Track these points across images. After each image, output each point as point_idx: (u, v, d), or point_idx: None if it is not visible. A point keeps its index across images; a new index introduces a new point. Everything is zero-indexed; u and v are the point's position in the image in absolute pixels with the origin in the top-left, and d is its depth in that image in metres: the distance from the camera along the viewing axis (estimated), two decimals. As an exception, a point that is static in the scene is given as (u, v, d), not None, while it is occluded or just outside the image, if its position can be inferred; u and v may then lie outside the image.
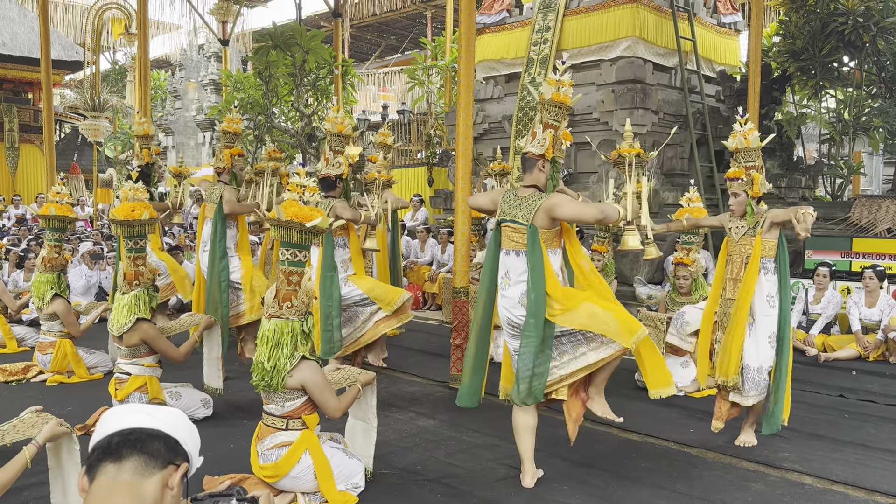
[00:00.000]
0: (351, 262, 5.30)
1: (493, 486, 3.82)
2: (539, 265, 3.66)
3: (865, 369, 6.63)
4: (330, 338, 5.16)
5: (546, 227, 3.72)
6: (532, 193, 3.79)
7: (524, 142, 3.90)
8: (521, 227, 3.73)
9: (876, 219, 9.00)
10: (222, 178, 6.19)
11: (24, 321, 7.79)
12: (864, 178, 16.34)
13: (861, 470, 4.11)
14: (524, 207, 3.75)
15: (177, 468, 1.54)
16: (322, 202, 4.94)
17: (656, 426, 4.84)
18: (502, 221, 3.86)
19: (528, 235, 3.69)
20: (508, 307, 3.81)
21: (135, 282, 4.63)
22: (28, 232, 12.59)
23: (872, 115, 10.42)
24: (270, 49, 13.35)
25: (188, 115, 25.47)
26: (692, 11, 10.39)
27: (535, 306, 3.65)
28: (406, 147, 17.16)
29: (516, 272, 3.78)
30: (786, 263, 4.40)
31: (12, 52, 19.16)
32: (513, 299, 3.78)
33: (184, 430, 1.60)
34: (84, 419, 4.59)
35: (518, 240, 3.76)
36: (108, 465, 1.48)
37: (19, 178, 20.02)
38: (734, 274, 4.43)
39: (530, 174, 3.85)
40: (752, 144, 4.41)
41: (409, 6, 22.79)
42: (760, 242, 4.34)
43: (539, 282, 3.65)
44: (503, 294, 3.85)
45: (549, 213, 3.69)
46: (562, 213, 3.70)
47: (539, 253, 3.67)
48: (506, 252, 3.84)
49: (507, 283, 3.83)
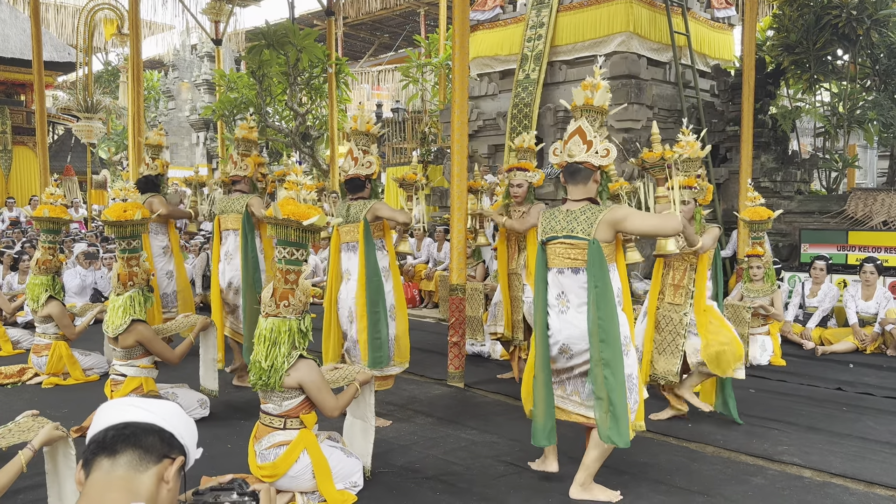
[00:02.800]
0: (390, 272, 4.81)
1: (492, 483, 3.80)
2: (604, 283, 3.36)
3: (863, 362, 6.65)
4: (379, 346, 4.63)
5: (607, 241, 3.45)
6: (587, 206, 3.50)
7: (576, 150, 3.53)
8: (581, 242, 3.44)
9: (871, 212, 9.01)
10: (239, 187, 5.82)
11: (18, 323, 7.76)
12: (859, 172, 16.38)
13: (860, 462, 4.11)
14: (581, 221, 3.45)
15: (172, 461, 1.53)
16: (355, 204, 4.74)
17: (655, 422, 4.83)
18: (552, 239, 3.56)
19: (591, 251, 3.39)
20: (567, 333, 3.50)
21: (129, 282, 4.59)
22: (22, 234, 12.54)
23: (867, 108, 10.43)
24: (264, 48, 13.31)
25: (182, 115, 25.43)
26: (686, 6, 10.39)
27: (604, 332, 3.34)
28: (401, 145, 17.13)
29: (576, 293, 3.49)
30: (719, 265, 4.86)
31: (3, 53, 19.04)
32: (579, 327, 3.46)
33: (179, 423, 1.58)
34: (80, 421, 4.56)
35: (577, 256, 3.47)
36: (102, 460, 1.47)
37: (12, 181, 19.92)
38: (676, 280, 4.69)
39: (583, 186, 3.53)
40: (694, 155, 4.55)
41: (403, 4, 22.74)
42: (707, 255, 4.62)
43: (608, 302, 3.36)
44: (562, 317, 3.53)
45: (615, 226, 3.42)
46: (634, 227, 3.43)
47: (604, 270, 3.38)
48: (559, 271, 3.53)
49: (566, 306, 3.52)
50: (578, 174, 3.53)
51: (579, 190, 3.55)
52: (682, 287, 4.64)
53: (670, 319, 4.69)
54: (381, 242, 4.75)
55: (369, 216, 4.62)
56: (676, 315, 4.67)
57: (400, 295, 4.91)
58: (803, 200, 9.88)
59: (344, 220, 4.73)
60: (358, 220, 4.66)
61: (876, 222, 8.78)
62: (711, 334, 4.57)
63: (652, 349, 4.78)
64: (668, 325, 4.71)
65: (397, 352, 4.82)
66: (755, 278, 6.89)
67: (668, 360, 4.67)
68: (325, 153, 15.59)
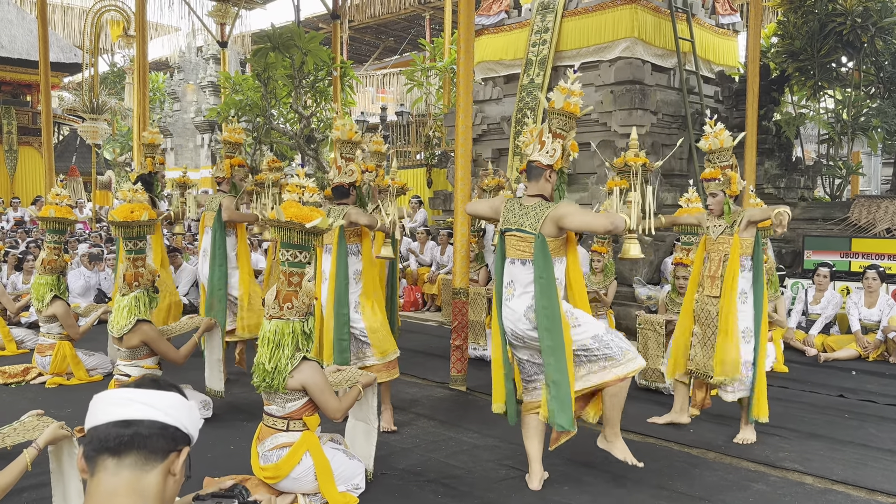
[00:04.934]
0: (362, 275, 4.88)
1: (494, 486, 3.81)
2: (548, 275, 3.61)
3: (865, 369, 6.64)
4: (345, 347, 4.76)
5: (553, 237, 3.68)
6: (539, 202, 3.75)
7: (531, 150, 3.84)
8: (529, 235, 3.69)
9: (875, 219, 9.01)
10: (222, 187, 6.13)
11: (23, 323, 7.78)
12: (863, 179, 16.37)
13: (862, 470, 4.11)
14: (531, 216, 3.70)
15: (179, 453, 1.52)
16: (335, 209, 4.84)
17: (656, 426, 4.84)
18: (507, 230, 3.81)
19: (536, 245, 3.64)
20: (513, 319, 3.76)
21: (134, 283, 4.62)
22: (26, 234, 12.59)
23: (871, 115, 10.44)
24: (269, 51, 13.34)
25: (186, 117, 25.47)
26: (690, 12, 10.40)
27: (548, 319, 3.59)
28: (405, 149, 17.16)
29: (522, 283, 3.73)
30: (760, 261, 4.55)
31: (10, 54, 19.15)
32: (517, 312, 3.73)
33: (181, 413, 1.55)
34: (83, 421, 4.53)
35: (525, 249, 3.71)
36: (107, 460, 1.47)
37: (18, 181, 20.01)
38: (712, 271, 4.59)
39: (536, 183, 3.79)
40: (725, 144, 4.55)
41: (408, 8, 22.77)
42: (739, 241, 4.47)
43: (550, 292, 3.60)
44: (507, 304, 3.80)
45: (557, 222, 3.64)
46: (571, 223, 3.65)
47: (548, 263, 3.62)
48: (511, 261, 3.79)
49: (512, 293, 3.78)
50: (532, 172, 3.81)
51: (533, 186, 3.81)
52: (717, 278, 4.53)
53: (708, 313, 4.59)
54: (356, 247, 4.86)
55: (344, 221, 4.72)
56: (714, 308, 4.55)
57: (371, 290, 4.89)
58: (807, 207, 9.88)
59: None
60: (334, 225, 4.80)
61: (879, 229, 8.77)
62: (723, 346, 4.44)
63: (687, 342, 4.72)
64: (706, 319, 4.60)
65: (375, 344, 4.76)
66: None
67: (708, 353, 4.57)
68: (330, 156, 15.61)
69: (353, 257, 4.79)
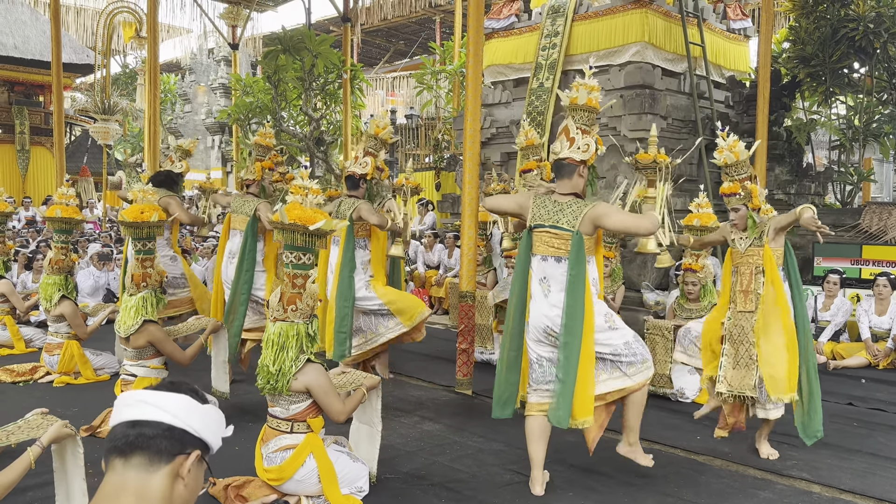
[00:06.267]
0: (370, 263, 5.02)
1: (498, 491, 3.80)
2: (582, 274, 3.56)
3: (875, 377, 6.58)
4: (343, 340, 4.92)
5: (588, 235, 3.64)
6: (574, 200, 3.71)
7: (558, 148, 3.77)
8: (565, 233, 3.64)
9: (886, 226, 8.94)
10: (251, 190, 5.99)
11: (32, 322, 7.82)
12: (875, 185, 16.27)
13: (870, 479, 4.07)
14: (567, 213, 3.65)
15: (187, 456, 1.51)
16: (346, 201, 4.89)
17: (662, 433, 4.81)
18: (538, 227, 3.74)
19: (573, 242, 3.59)
20: (551, 315, 3.66)
21: (142, 283, 4.64)
22: (37, 234, 12.67)
23: (883, 121, 10.36)
24: (280, 53, 13.41)
25: (197, 118, 25.60)
26: (701, 17, 10.36)
27: (570, 318, 3.55)
28: (414, 152, 17.18)
29: (558, 280, 3.67)
30: (795, 268, 4.41)
31: (24, 55, 19.30)
32: (557, 307, 3.64)
33: (192, 417, 1.53)
34: (90, 420, 4.60)
35: (560, 246, 3.66)
36: (115, 461, 1.47)
37: (29, 181, 20.14)
38: (744, 286, 4.40)
39: (569, 181, 3.74)
40: (741, 157, 4.42)
41: (419, 11, 22.82)
42: (771, 252, 4.33)
43: (579, 290, 3.55)
44: (544, 300, 3.71)
45: (595, 221, 3.61)
46: (611, 224, 3.63)
47: (583, 260, 3.58)
48: (542, 258, 3.73)
49: (548, 289, 3.70)
50: (563, 170, 3.75)
51: (565, 184, 3.76)
52: (751, 292, 4.37)
53: (742, 329, 4.40)
54: (364, 241, 4.90)
55: (354, 215, 4.74)
56: (748, 323, 4.36)
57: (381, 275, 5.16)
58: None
59: (335, 215, 4.88)
60: (344, 217, 4.87)
61: (890, 236, 8.70)
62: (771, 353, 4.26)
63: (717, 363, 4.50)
64: (741, 335, 4.40)
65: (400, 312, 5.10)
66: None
67: (745, 373, 4.35)
68: (339, 158, 15.66)
69: (360, 251, 4.84)
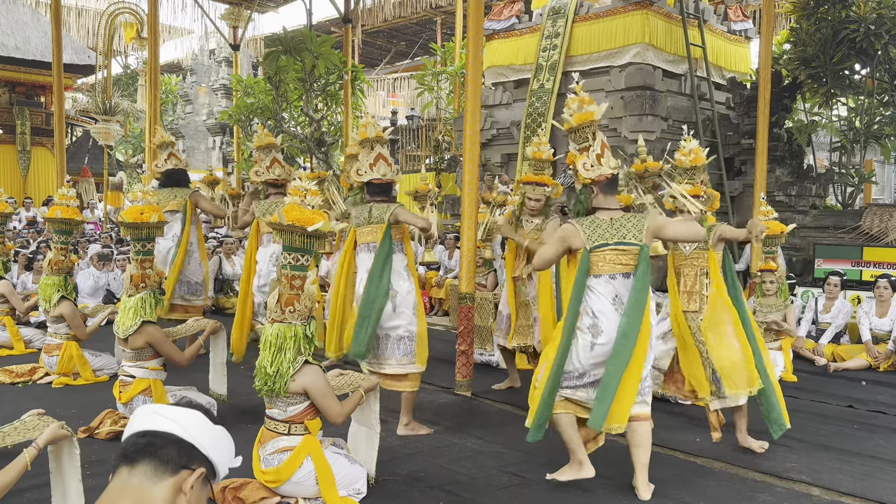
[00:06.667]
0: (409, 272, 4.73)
1: (496, 493, 3.78)
2: (647, 286, 3.60)
3: (875, 379, 6.57)
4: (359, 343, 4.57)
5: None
6: (625, 214, 3.76)
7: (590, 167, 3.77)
8: (634, 247, 3.66)
9: (887, 228, 8.93)
10: (277, 191, 5.93)
11: (31, 323, 7.82)
12: (876, 187, 16.27)
13: (870, 482, 4.05)
14: (630, 228, 3.68)
15: (192, 472, 1.51)
16: (376, 206, 4.77)
17: (662, 435, 4.79)
18: (601, 246, 3.68)
19: (641, 255, 3.63)
20: None
21: (141, 284, 4.63)
22: (38, 234, 12.67)
23: (884, 123, 10.35)
24: (281, 54, 13.40)
25: (198, 119, 25.63)
26: (702, 18, 10.36)
27: (630, 327, 3.54)
28: (415, 153, 17.17)
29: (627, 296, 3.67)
30: (732, 269, 4.62)
31: (25, 55, 19.32)
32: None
33: (201, 433, 1.55)
34: (88, 422, 4.59)
35: (628, 262, 3.67)
36: (122, 468, 1.47)
37: (30, 181, 20.16)
38: (688, 287, 4.57)
39: (613, 196, 3.82)
40: (701, 163, 4.53)
41: (420, 12, 22.81)
42: (714, 255, 4.51)
43: (643, 302, 3.57)
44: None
45: (655, 233, 3.69)
46: (670, 234, 3.73)
47: (649, 273, 3.62)
48: (611, 276, 3.68)
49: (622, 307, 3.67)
50: (610, 186, 3.79)
51: (612, 199, 3.82)
52: (695, 293, 4.54)
53: (688, 328, 4.55)
54: (399, 245, 4.76)
55: (392, 219, 4.64)
56: (694, 323, 4.51)
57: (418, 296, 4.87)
58: (818, 215, 9.80)
59: (366, 221, 4.75)
60: (382, 221, 4.66)
61: (891, 238, 8.70)
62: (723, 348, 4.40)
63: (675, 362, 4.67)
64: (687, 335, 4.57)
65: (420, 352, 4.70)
66: (768, 293, 6.76)
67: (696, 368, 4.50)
68: (340, 159, 15.66)
69: (398, 255, 4.70)
